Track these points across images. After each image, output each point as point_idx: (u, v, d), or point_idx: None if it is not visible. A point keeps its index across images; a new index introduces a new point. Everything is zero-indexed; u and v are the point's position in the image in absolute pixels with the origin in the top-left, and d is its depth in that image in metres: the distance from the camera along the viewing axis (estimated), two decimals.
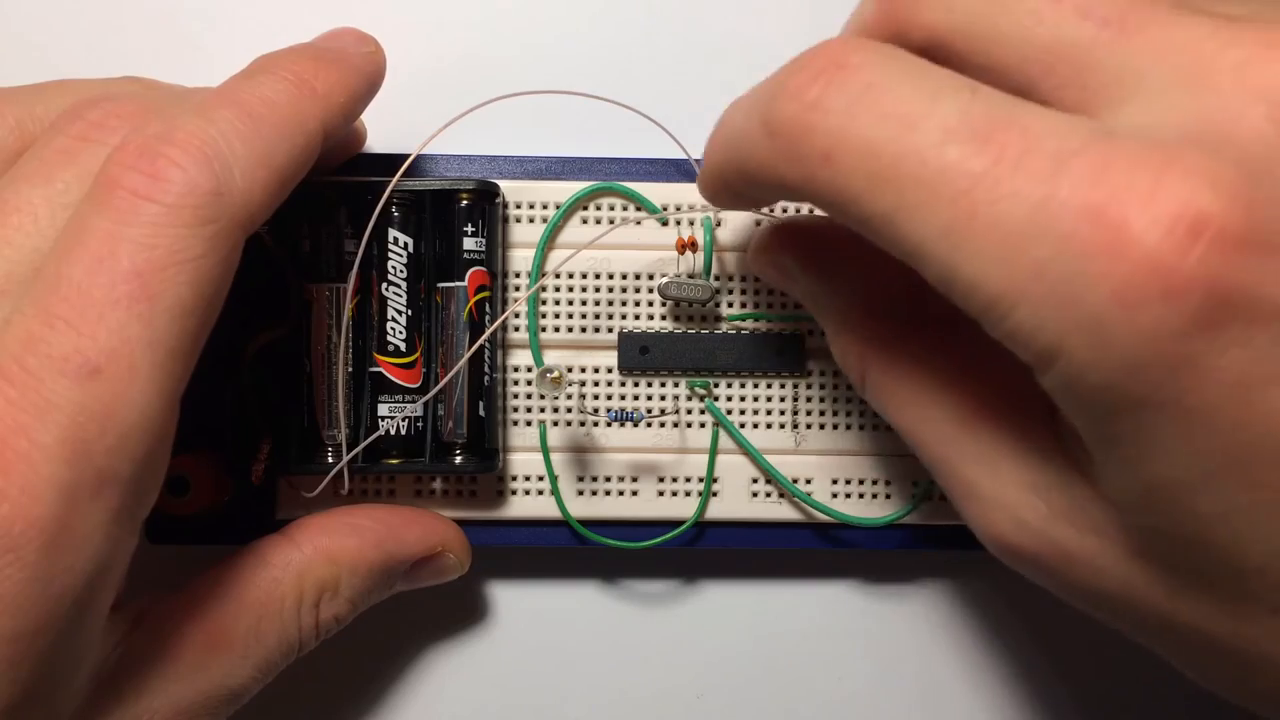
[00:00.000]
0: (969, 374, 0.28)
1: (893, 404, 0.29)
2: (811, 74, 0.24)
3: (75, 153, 0.28)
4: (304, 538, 0.33)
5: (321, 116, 0.30)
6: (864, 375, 0.30)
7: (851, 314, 0.30)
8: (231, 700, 0.32)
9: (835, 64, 0.24)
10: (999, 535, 0.27)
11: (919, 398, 0.29)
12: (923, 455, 0.29)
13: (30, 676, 0.25)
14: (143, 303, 0.25)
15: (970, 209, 0.22)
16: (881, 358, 0.30)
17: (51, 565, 0.25)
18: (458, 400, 0.34)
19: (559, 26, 0.38)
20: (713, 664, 0.38)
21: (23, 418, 0.25)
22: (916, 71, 0.23)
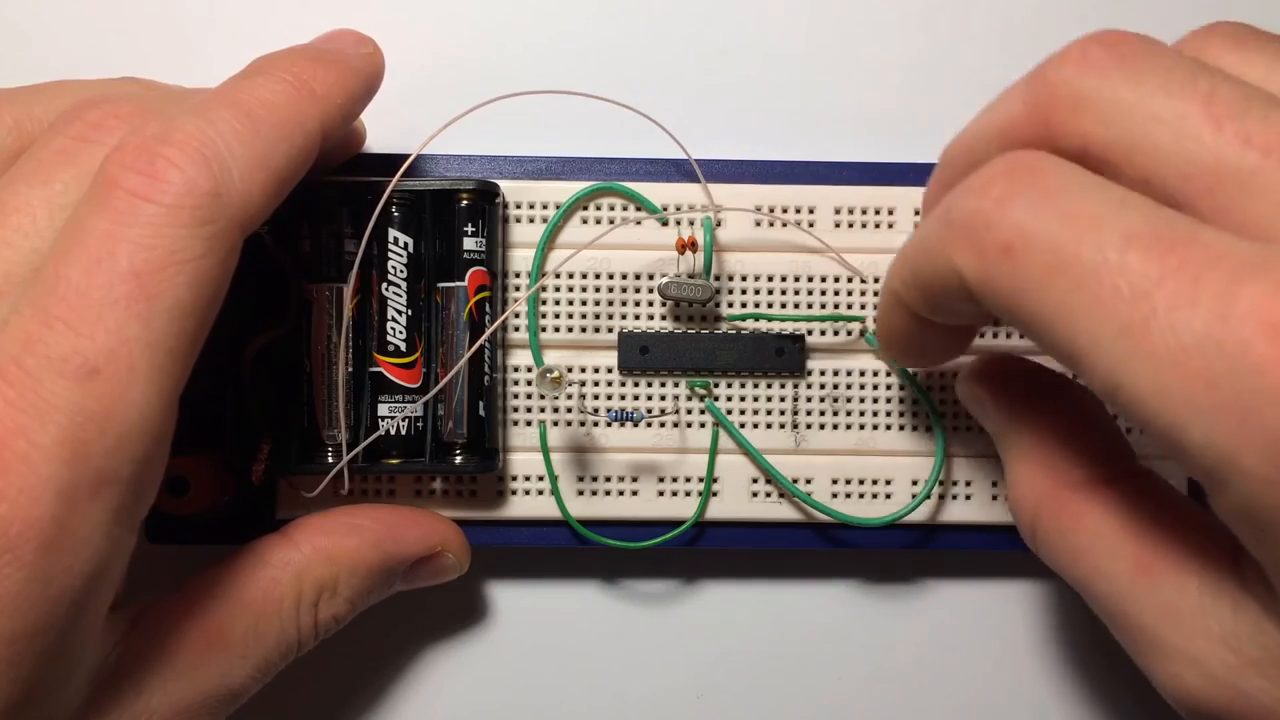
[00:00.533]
0: (1147, 523, 0.27)
1: (1066, 556, 0.29)
2: (996, 173, 0.25)
3: (73, 153, 0.28)
4: (303, 537, 0.33)
5: (320, 117, 0.30)
6: (1034, 525, 0.30)
7: (1031, 462, 0.30)
8: (230, 700, 0.32)
9: (1022, 167, 0.24)
10: (1188, 692, 0.26)
11: (1095, 548, 0.28)
12: (1100, 608, 0.28)
13: (29, 677, 0.26)
14: (141, 303, 0.25)
15: (1147, 315, 0.22)
16: (1055, 509, 0.29)
17: (50, 566, 0.25)
18: (458, 400, 0.34)
19: (559, 26, 0.38)
20: (713, 664, 0.38)
21: (21, 418, 0.25)
22: (1099, 181, 0.24)
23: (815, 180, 0.36)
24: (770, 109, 0.38)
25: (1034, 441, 0.30)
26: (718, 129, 0.38)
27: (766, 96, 0.38)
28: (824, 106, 0.38)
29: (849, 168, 0.36)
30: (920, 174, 0.36)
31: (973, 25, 0.38)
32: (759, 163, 0.36)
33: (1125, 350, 0.22)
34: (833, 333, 0.36)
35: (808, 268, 0.36)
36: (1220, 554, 0.26)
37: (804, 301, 0.36)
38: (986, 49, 0.38)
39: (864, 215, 0.36)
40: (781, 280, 0.36)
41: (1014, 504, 0.30)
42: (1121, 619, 0.27)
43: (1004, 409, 0.31)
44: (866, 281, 0.36)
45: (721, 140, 0.37)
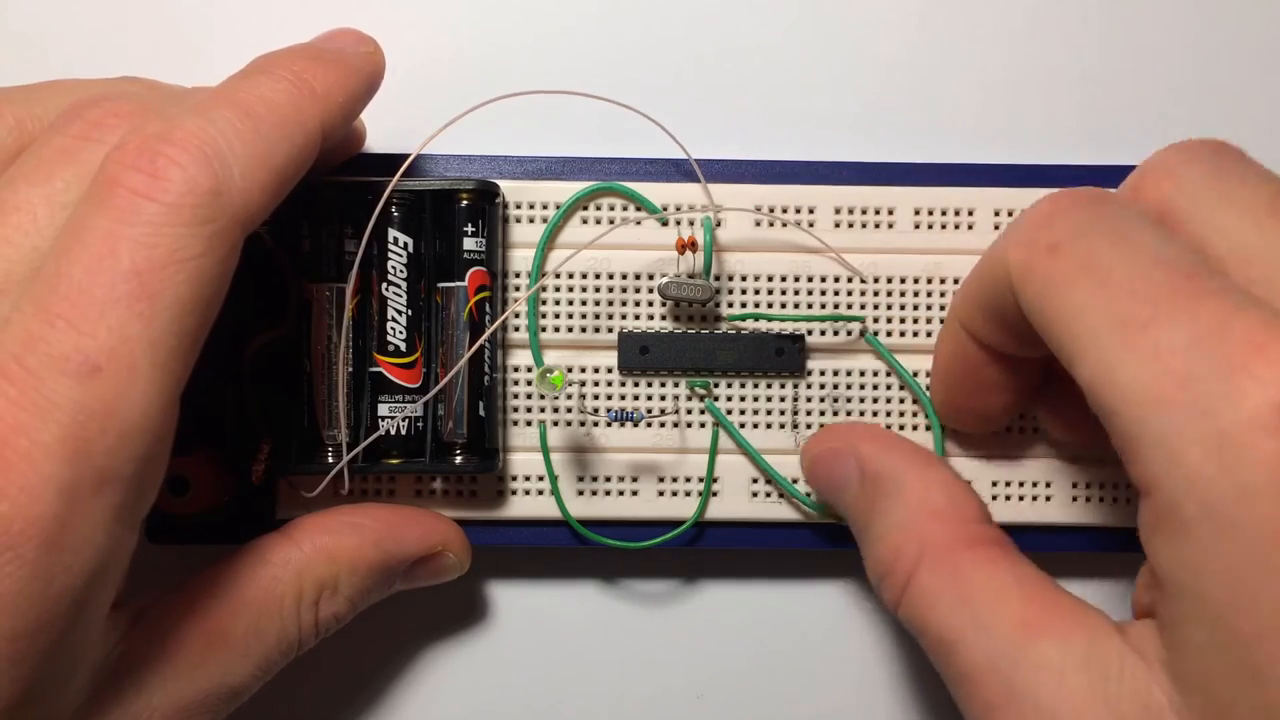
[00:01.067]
0: (1033, 583, 0.28)
1: (943, 607, 0.28)
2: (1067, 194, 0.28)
3: (74, 152, 0.28)
4: (303, 536, 0.33)
5: (320, 116, 0.30)
6: (913, 573, 0.29)
7: (922, 509, 0.30)
8: (231, 698, 0.32)
9: (1090, 194, 0.28)
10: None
11: (978, 601, 0.28)
12: (962, 664, 0.28)
13: (31, 675, 0.26)
14: (143, 301, 0.25)
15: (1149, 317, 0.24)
16: (942, 558, 0.29)
17: (51, 564, 0.25)
18: (458, 400, 0.34)
19: (559, 26, 0.38)
20: (713, 664, 0.38)
21: (23, 416, 0.25)
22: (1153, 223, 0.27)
23: (815, 180, 0.36)
24: (770, 109, 0.38)
25: (924, 490, 0.31)
26: (718, 129, 0.38)
27: (766, 96, 0.38)
28: (824, 106, 0.38)
29: (849, 168, 0.36)
30: (920, 174, 0.36)
31: (973, 25, 0.38)
32: (759, 163, 0.36)
33: (1120, 341, 0.24)
34: (833, 333, 0.36)
35: (808, 268, 0.36)
36: (1104, 619, 0.26)
37: (804, 301, 0.36)
38: (986, 49, 0.38)
39: (864, 215, 0.36)
40: (781, 280, 0.36)
41: (891, 551, 0.30)
42: (988, 674, 0.27)
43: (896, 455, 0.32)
44: (866, 281, 0.36)
45: (721, 140, 0.37)
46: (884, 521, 0.31)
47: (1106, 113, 0.38)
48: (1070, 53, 0.38)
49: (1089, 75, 0.38)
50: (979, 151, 0.37)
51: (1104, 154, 0.37)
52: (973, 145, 0.38)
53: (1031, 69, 0.38)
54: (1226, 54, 0.38)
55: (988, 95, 0.38)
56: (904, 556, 0.30)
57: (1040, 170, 0.36)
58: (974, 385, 0.32)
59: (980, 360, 0.32)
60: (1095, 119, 0.38)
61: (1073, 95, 0.38)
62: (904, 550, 0.30)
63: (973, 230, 0.36)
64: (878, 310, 0.36)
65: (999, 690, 0.27)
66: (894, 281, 0.36)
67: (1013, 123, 0.38)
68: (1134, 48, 0.38)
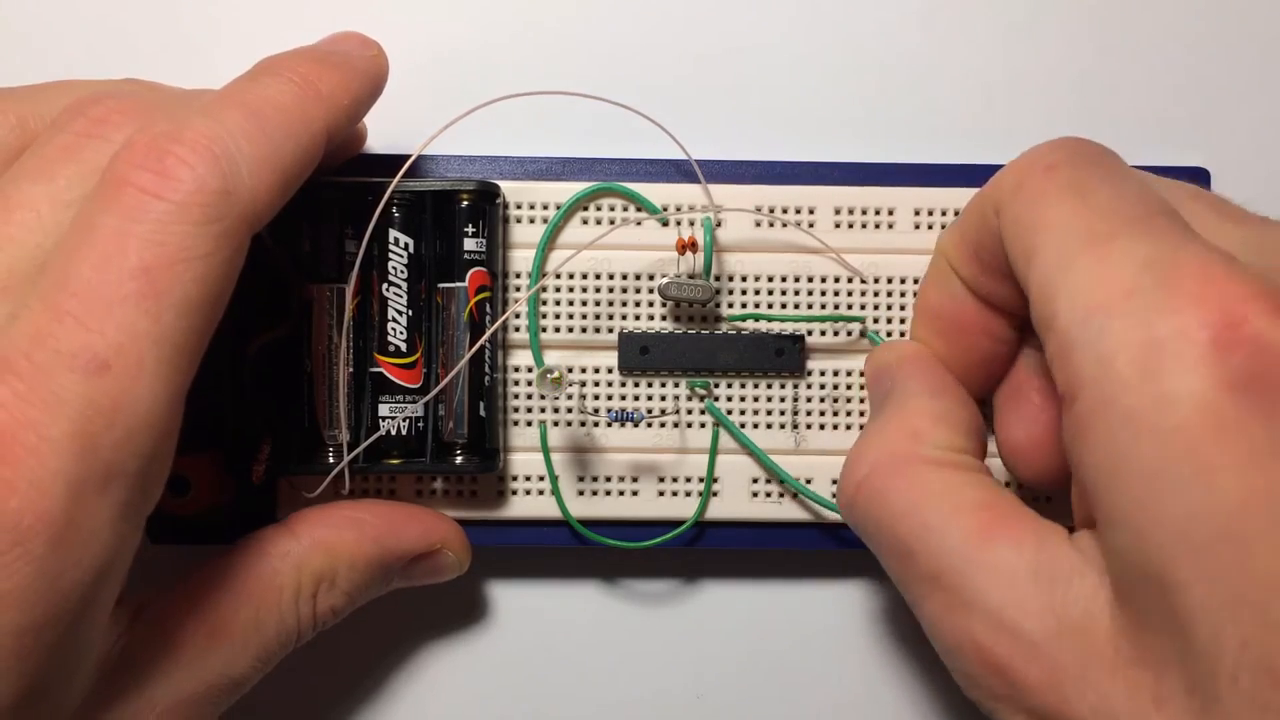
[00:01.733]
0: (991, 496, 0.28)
1: (893, 509, 0.29)
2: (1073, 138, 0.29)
3: (78, 149, 0.28)
4: (303, 529, 0.33)
5: (326, 118, 0.30)
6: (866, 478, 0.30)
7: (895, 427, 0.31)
8: (232, 690, 0.32)
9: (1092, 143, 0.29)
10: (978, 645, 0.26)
11: (931, 506, 0.28)
12: (916, 567, 0.28)
13: (38, 670, 0.26)
14: (151, 299, 0.26)
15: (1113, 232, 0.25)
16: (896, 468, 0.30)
17: (59, 560, 0.25)
18: (458, 400, 0.34)
19: (559, 27, 0.38)
20: (713, 664, 0.38)
21: (31, 412, 0.25)
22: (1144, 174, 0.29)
23: (815, 180, 0.36)
24: (770, 109, 0.38)
25: (918, 412, 0.31)
26: (718, 129, 0.38)
27: (766, 96, 0.38)
28: (824, 106, 0.38)
29: (849, 168, 0.36)
30: (920, 174, 0.36)
31: (973, 26, 0.38)
32: (759, 163, 0.36)
33: (1080, 248, 0.26)
34: (833, 333, 0.36)
35: (808, 268, 0.36)
36: (1057, 527, 0.27)
37: (804, 301, 0.36)
38: (986, 50, 0.38)
39: (864, 215, 0.36)
40: (781, 280, 0.36)
41: (852, 455, 0.31)
42: (943, 578, 0.27)
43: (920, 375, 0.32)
44: (866, 281, 0.36)
45: (721, 140, 0.37)
46: (872, 425, 0.32)
47: (1106, 113, 0.38)
48: (1070, 53, 0.38)
49: (1088, 75, 0.38)
50: (979, 151, 0.37)
51: None
52: (973, 145, 0.38)
53: (1031, 69, 0.38)
54: (1227, 54, 0.38)
55: (988, 95, 0.38)
56: (865, 456, 0.30)
57: None
58: (953, 324, 0.32)
59: (961, 296, 0.32)
60: (1095, 119, 0.38)
61: (1072, 95, 0.38)
62: (867, 452, 0.30)
63: None
64: (878, 310, 0.36)
65: (952, 594, 0.27)
66: (894, 281, 0.36)
67: (1013, 123, 0.38)
68: (1133, 48, 0.38)
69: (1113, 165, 0.28)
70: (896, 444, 0.30)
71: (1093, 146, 0.29)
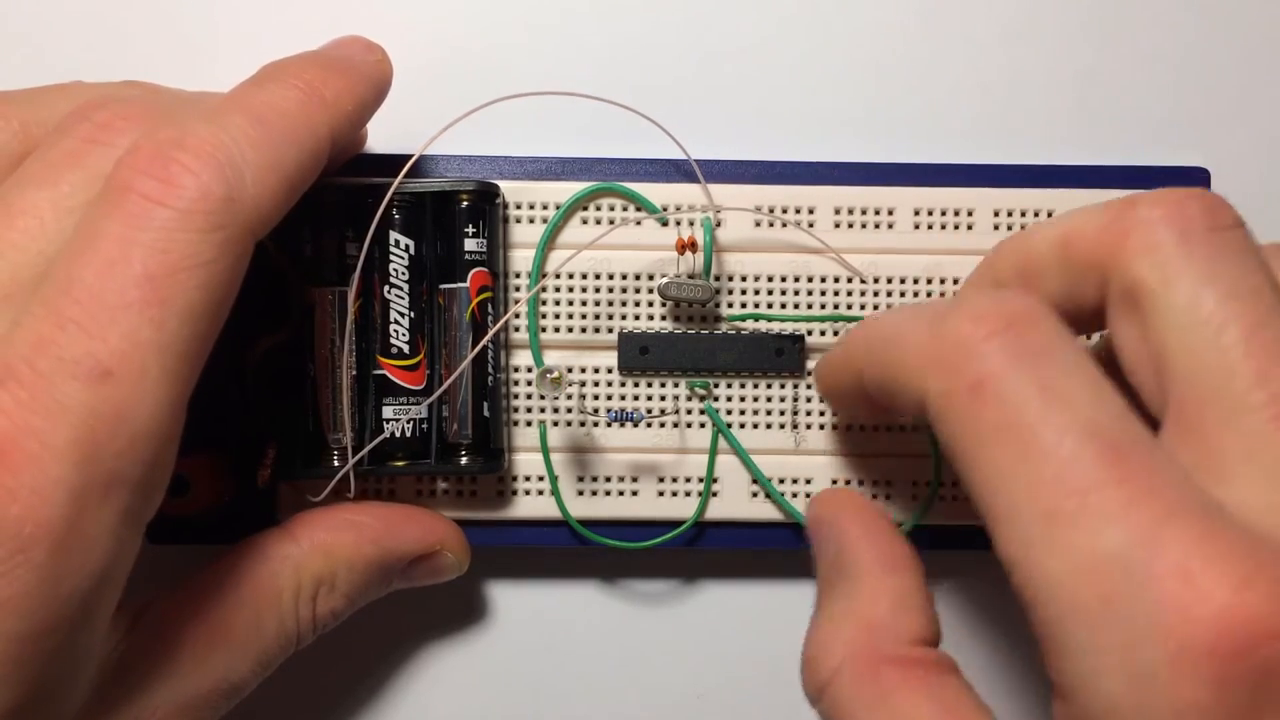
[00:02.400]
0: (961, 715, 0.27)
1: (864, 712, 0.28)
2: (999, 311, 0.25)
3: (82, 155, 0.28)
4: (302, 532, 0.33)
5: (330, 124, 0.30)
6: (832, 679, 0.28)
7: (854, 616, 0.29)
8: (232, 694, 0.32)
9: (1023, 316, 0.25)
10: None
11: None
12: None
13: (38, 676, 0.26)
14: (154, 307, 0.26)
15: (1075, 510, 0.22)
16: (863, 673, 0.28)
17: (60, 567, 0.25)
18: (462, 401, 0.34)
19: (559, 27, 0.38)
20: (713, 664, 0.38)
21: (34, 419, 0.25)
22: (1085, 362, 0.24)
23: (815, 180, 0.36)
24: (770, 109, 0.38)
25: (873, 597, 0.29)
26: (718, 129, 0.38)
27: (766, 97, 0.38)
28: (824, 106, 0.38)
29: (849, 168, 0.36)
30: (920, 174, 0.36)
31: (972, 25, 0.38)
32: (759, 163, 0.36)
33: (1040, 533, 0.23)
34: (833, 333, 0.36)
35: (808, 268, 0.36)
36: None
37: (804, 301, 0.36)
38: (986, 49, 0.38)
39: (864, 215, 0.36)
40: (781, 280, 0.36)
41: (819, 645, 0.29)
42: None
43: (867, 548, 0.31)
44: (866, 282, 0.36)
45: (721, 140, 0.37)
46: (828, 609, 0.30)
47: (1106, 113, 0.38)
48: (1070, 53, 0.38)
49: (1088, 75, 0.38)
50: (979, 151, 0.37)
51: (1104, 154, 0.37)
52: (973, 145, 0.38)
53: (1031, 69, 0.38)
54: (1227, 54, 0.38)
55: (987, 95, 0.38)
56: (829, 655, 0.29)
57: (1040, 170, 0.36)
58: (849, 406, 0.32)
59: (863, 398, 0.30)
60: (1095, 119, 0.38)
61: (1072, 95, 0.38)
62: (829, 649, 0.29)
63: (973, 230, 0.36)
64: (877, 310, 0.36)
65: None
66: (894, 281, 0.36)
67: (1012, 123, 0.38)
68: (1133, 48, 0.38)
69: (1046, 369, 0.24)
70: (857, 642, 0.28)
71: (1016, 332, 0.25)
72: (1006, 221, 0.36)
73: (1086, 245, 0.26)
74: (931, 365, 0.26)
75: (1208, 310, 0.24)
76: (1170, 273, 0.25)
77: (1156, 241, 0.25)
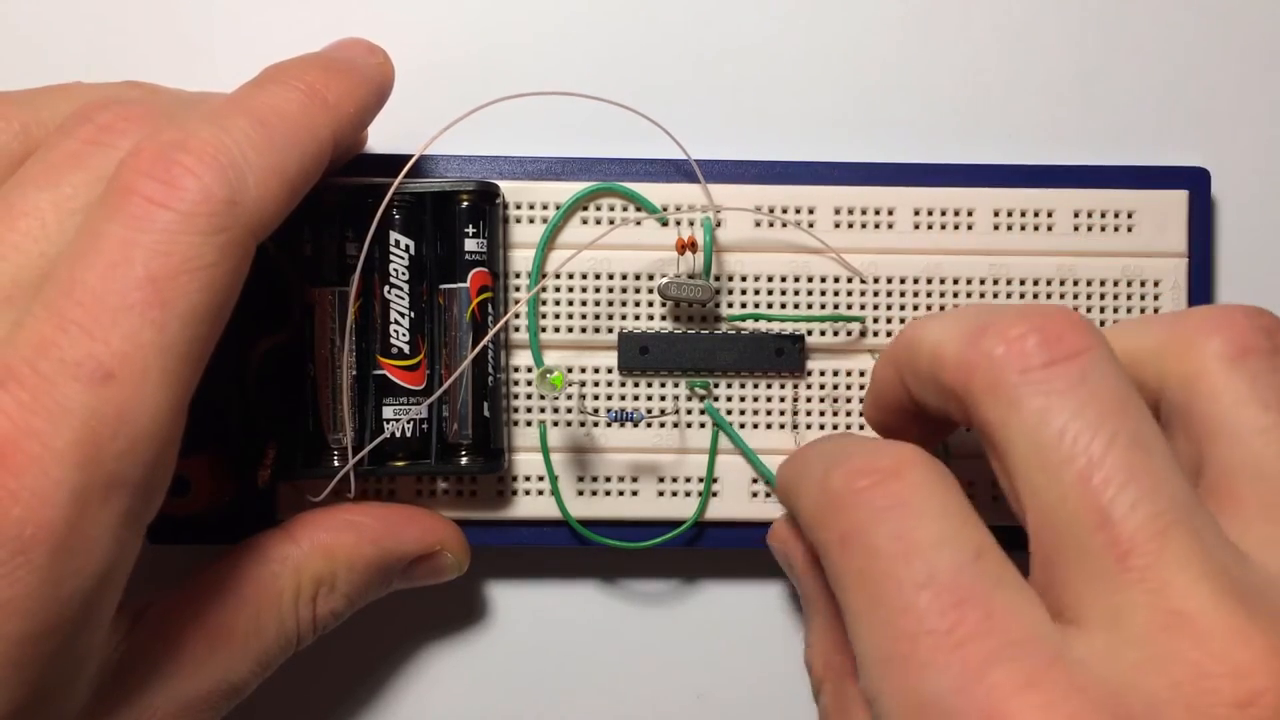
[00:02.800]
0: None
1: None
2: (871, 467, 0.26)
3: (84, 156, 0.28)
4: (302, 533, 0.33)
5: (332, 126, 0.30)
6: (820, 688, 0.32)
7: (829, 633, 0.32)
8: (232, 695, 0.32)
9: (890, 469, 0.25)
10: None
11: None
12: None
13: (39, 678, 0.26)
14: (156, 309, 0.26)
15: (907, 654, 0.23)
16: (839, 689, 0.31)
17: (61, 568, 0.25)
18: (462, 401, 0.34)
19: (559, 27, 0.38)
20: (713, 664, 0.38)
21: (35, 421, 0.25)
22: (944, 512, 0.25)
23: (815, 180, 0.36)
24: (770, 109, 0.38)
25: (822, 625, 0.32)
26: (718, 129, 0.38)
27: (767, 96, 0.38)
28: (824, 106, 0.38)
29: (849, 168, 0.36)
30: (920, 174, 0.36)
31: (973, 25, 0.38)
32: (759, 163, 0.36)
33: (883, 674, 0.24)
34: (832, 333, 0.36)
35: (807, 268, 0.36)
36: None
37: (804, 301, 0.36)
38: (986, 49, 0.38)
39: (864, 215, 0.36)
40: (781, 280, 0.36)
41: (809, 657, 0.33)
42: None
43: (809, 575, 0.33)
44: (866, 281, 0.36)
45: (721, 140, 0.37)
46: (807, 630, 0.33)
47: (1106, 113, 0.38)
48: (1070, 53, 0.38)
49: (1088, 75, 0.38)
50: (979, 151, 0.37)
51: (1104, 154, 0.37)
52: (973, 145, 0.38)
53: (1031, 69, 0.38)
54: (1226, 54, 0.38)
55: (987, 95, 0.38)
56: (814, 670, 0.32)
57: (1040, 170, 0.36)
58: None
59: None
60: (1095, 119, 0.38)
61: (1073, 95, 0.38)
62: (814, 665, 0.32)
63: (972, 230, 0.36)
64: (878, 310, 0.36)
65: None
66: (894, 281, 0.36)
67: (1012, 123, 0.38)
68: (1133, 48, 0.38)
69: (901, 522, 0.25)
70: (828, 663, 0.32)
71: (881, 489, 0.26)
72: (1006, 221, 0.36)
73: (948, 371, 0.26)
74: (818, 522, 0.27)
75: (1046, 455, 0.24)
76: (1004, 416, 0.25)
77: (996, 381, 0.25)
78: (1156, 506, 0.23)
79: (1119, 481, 0.23)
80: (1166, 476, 0.23)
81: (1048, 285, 0.36)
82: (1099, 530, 0.23)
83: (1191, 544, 0.22)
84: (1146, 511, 0.23)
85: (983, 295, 0.36)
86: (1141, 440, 0.24)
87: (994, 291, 0.36)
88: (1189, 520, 0.23)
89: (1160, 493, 0.23)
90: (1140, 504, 0.23)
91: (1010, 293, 0.36)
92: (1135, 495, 0.23)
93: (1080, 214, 0.36)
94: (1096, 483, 0.23)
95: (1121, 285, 0.36)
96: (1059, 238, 0.36)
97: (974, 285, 0.36)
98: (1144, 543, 0.22)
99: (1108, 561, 0.23)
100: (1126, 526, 0.23)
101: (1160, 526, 0.22)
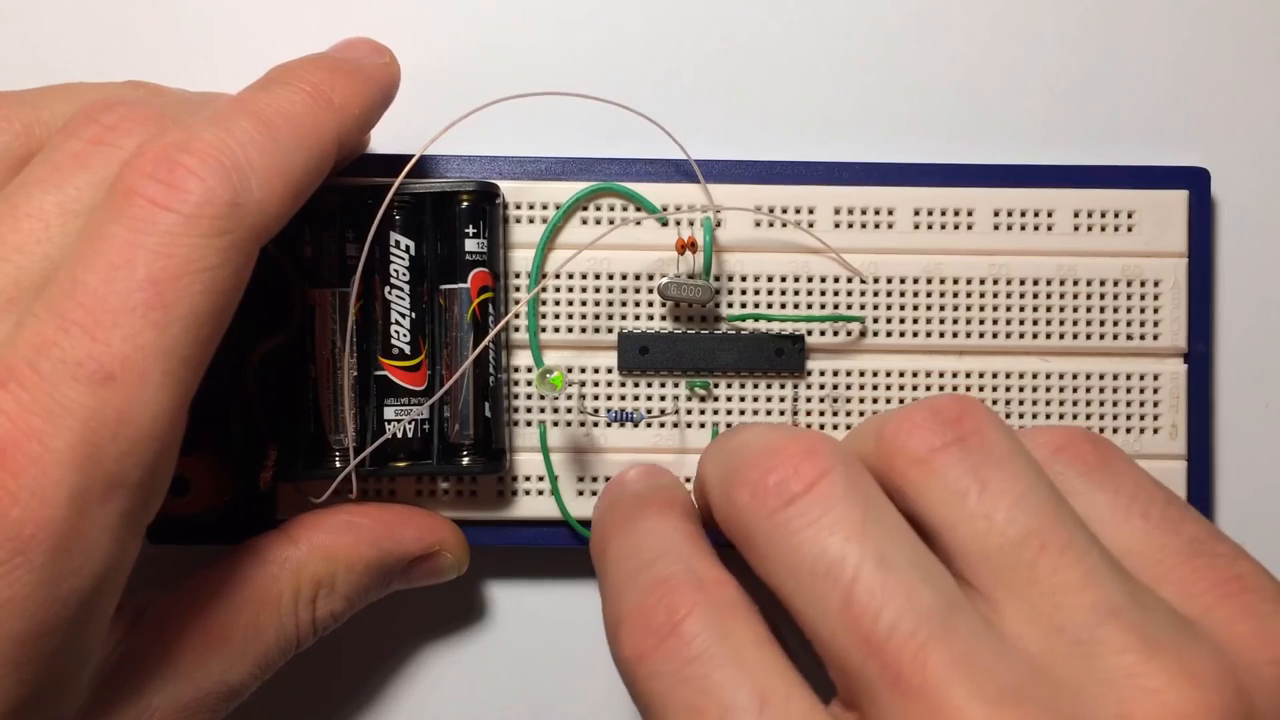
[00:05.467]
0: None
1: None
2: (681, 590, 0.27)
3: (88, 157, 0.28)
4: (301, 534, 0.33)
5: (337, 128, 0.30)
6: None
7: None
8: (230, 697, 0.32)
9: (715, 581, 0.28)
10: None
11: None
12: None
13: (37, 678, 0.26)
14: (158, 311, 0.26)
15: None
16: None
17: (60, 569, 0.25)
18: (463, 401, 0.34)
19: (559, 27, 0.38)
20: None
21: (35, 422, 0.25)
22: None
23: (815, 180, 0.36)
24: (770, 109, 0.38)
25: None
26: (718, 129, 0.38)
27: (766, 96, 0.38)
28: (824, 106, 0.38)
29: (849, 168, 0.36)
30: (920, 174, 0.36)
31: (972, 25, 0.38)
32: (759, 163, 0.36)
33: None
34: (833, 333, 0.36)
35: (807, 268, 0.36)
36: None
37: (804, 301, 0.36)
38: (986, 49, 0.38)
39: (864, 215, 0.36)
40: (781, 280, 0.36)
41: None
42: None
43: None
44: (866, 281, 0.36)
45: (721, 140, 0.37)
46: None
47: (1106, 113, 0.38)
48: (1069, 53, 0.38)
49: (1089, 75, 0.38)
50: (979, 151, 0.37)
51: (1104, 154, 0.37)
52: (973, 145, 0.38)
53: (1031, 69, 0.38)
54: (1225, 54, 0.38)
55: (987, 95, 0.38)
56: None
57: (1040, 170, 0.36)
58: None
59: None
60: (1095, 119, 0.38)
61: (1073, 95, 0.38)
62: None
63: (972, 230, 0.36)
64: (878, 310, 0.36)
65: None
66: (894, 281, 0.36)
67: (1012, 123, 0.38)
68: (1132, 48, 0.38)
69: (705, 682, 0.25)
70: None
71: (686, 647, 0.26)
72: (1006, 221, 0.36)
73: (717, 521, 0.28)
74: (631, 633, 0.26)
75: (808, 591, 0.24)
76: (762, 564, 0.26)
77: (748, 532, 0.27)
78: (912, 624, 0.23)
79: (873, 608, 0.23)
80: (914, 587, 0.23)
81: (1048, 285, 0.36)
82: (870, 658, 0.23)
83: (952, 656, 0.22)
84: (904, 631, 0.23)
85: (983, 295, 0.36)
86: (885, 558, 0.24)
87: (994, 291, 0.36)
88: (944, 630, 0.23)
89: (911, 609, 0.23)
90: (897, 624, 0.23)
91: (1010, 292, 0.36)
92: (891, 617, 0.23)
93: (1080, 214, 0.36)
94: (855, 612, 0.23)
95: (1121, 285, 0.36)
96: (1059, 238, 0.36)
97: (974, 285, 0.36)
98: (908, 663, 0.23)
99: (884, 685, 0.23)
100: (890, 649, 0.23)
101: (919, 644, 0.23)
